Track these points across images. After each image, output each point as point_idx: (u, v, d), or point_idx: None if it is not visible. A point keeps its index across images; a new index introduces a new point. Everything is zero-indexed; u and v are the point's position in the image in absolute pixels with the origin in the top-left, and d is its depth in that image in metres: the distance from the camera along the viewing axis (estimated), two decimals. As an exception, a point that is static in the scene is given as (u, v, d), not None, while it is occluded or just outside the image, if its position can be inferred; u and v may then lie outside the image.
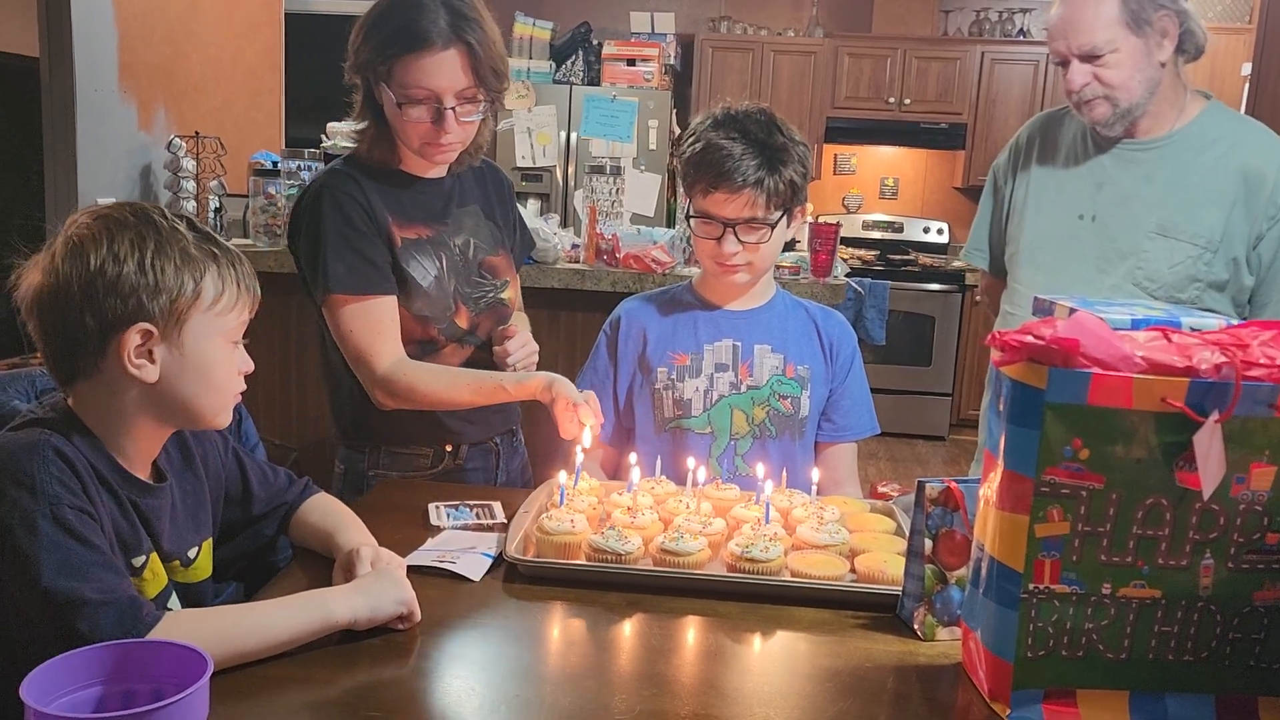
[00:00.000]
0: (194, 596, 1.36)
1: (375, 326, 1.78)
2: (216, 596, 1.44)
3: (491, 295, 1.97)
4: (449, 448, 1.95)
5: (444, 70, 1.72)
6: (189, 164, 3.69)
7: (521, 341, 1.95)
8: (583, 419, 1.68)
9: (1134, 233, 2.06)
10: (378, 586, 1.25)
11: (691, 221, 1.86)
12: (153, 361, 1.22)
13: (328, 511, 1.50)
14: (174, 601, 1.33)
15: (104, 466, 1.23)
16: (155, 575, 1.29)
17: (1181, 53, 2.02)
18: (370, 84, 1.78)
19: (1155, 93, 2.03)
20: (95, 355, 1.21)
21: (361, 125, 1.84)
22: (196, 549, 1.38)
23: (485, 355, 1.95)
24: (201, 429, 1.35)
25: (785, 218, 1.83)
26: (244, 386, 1.33)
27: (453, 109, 1.74)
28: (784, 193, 1.80)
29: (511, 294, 2.02)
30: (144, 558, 1.27)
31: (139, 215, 1.24)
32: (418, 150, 1.81)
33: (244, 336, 1.32)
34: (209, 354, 1.26)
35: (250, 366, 1.32)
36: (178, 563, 1.34)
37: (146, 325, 1.20)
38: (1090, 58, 2.00)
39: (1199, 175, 2.04)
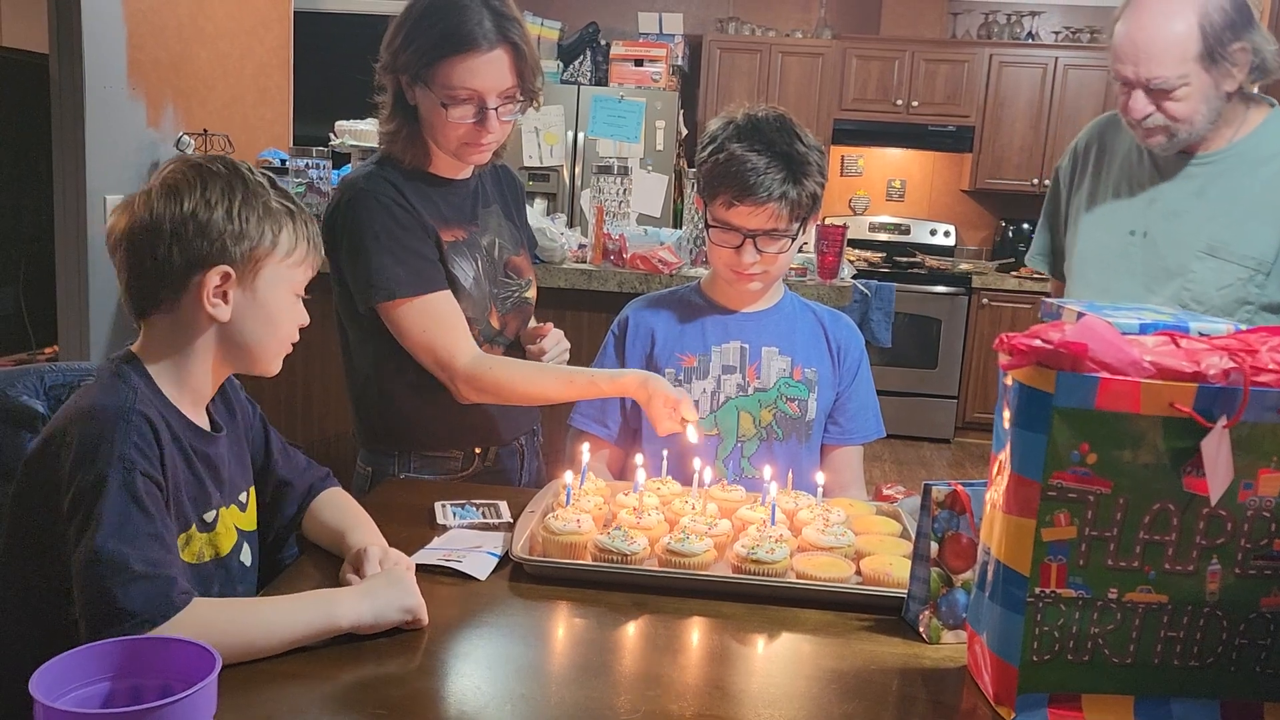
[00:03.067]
0: (252, 546, 1.44)
1: (446, 322, 1.78)
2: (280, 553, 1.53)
3: (517, 294, 1.98)
4: (478, 450, 1.95)
5: (491, 71, 1.72)
6: (197, 161, 3.69)
7: (555, 339, 1.96)
8: (685, 415, 1.69)
9: (1182, 251, 1.95)
10: (385, 592, 1.26)
11: (710, 230, 1.85)
12: (226, 302, 1.31)
13: (341, 508, 1.51)
14: (245, 554, 1.40)
15: (175, 421, 1.29)
16: (226, 529, 1.36)
17: (1248, 74, 1.89)
18: (403, 85, 1.78)
19: (1215, 119, 1.90)
20: (177, 289, 1.29)
21: (391, 127, 1.82)
22: (245, 495, 1.44)
23: (516, 354, 1.96)
24: (256, 374, 1.40)
25: (802, 226, 1.84)
26: (297, 338, 1.41)
27: (495, 109, 1.75)
28: (806, 204, 1.80)
29: (533, 293, 2.03)
30: (214, 512, 1.34)
31: (230, 168, 1.33)
32: (454, 151, 1.80)
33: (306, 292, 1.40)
34: (276, 301, 1.35)
35: (306, 320, 1.40)
36: (235, 508, 1.40)
37: (226, 268, 1.29)
38: (1158, 91, 1.85)
39: (1254, 191, 1.92)
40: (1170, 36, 1.82)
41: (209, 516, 1.33)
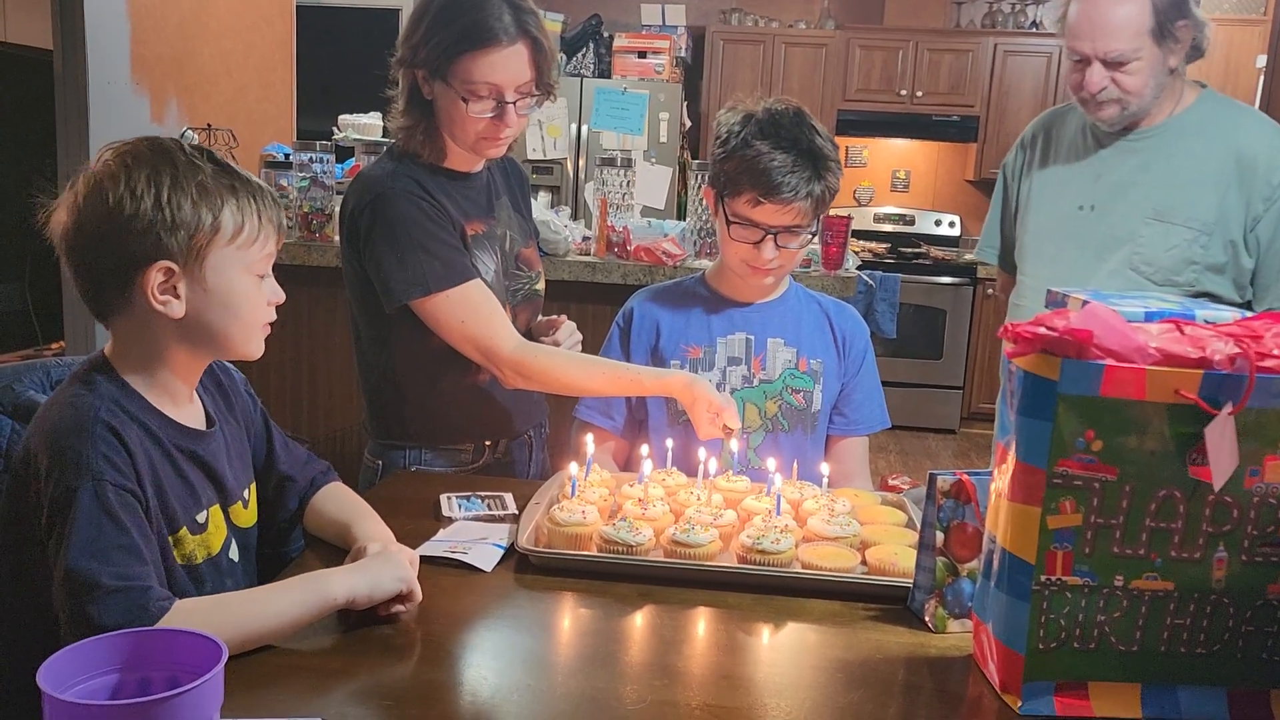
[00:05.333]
0: (247, 541, 1.41)
1: (485, 310, 1.77)
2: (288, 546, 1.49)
3: (527, 287, 1.98)
4: (488, 443, 1.96)
5: (511, 65, 1.72)
6: (201, 156, 3.69)
7: (569, 331, 1.97)
8: (729, 424, 1.69)
9: (1131, 219, 2.11)
10: (376, 565, 1.26)
11: (730, 226, 1.84)
12: (177, 297, 1.24)
13: (343, 502, 1.50)
14: (234, 550, 1.36)
15: (156, 424, 1.25)
16: (217, 528, 1.33)
17: (1185, 55, 2.08)
18: (418, 80, 1.77)
19: (1160, 95, 2.08)
20: (123, 290, 1.23)
21: (406, 122, 1.81)
22: (247, 490, 1.41)
23: None
24: (235, 359, 1.36)
25: (818, 220, 1.84)
26: (274, 316, 1.34)
27: (513, 103, 1.74)
28: (828, 200, 1.81)
29: (543, 285, 2.03)
30: (204, 512, 1.30)
31: (156, 150, 1.24)
32: (471, 146, 1.80)
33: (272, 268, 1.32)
34: (233, 287, 1.26)
35: (281, 297, 1.33)
36: (239, 505, 1.38)
37: (167, 263, 1.22)
38: (1114, 64, 2.02)
39: (1193, 161, 2.08)
40: (1125, 12, 2.01)
41: (200, 517, 1.30)
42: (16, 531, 1.23)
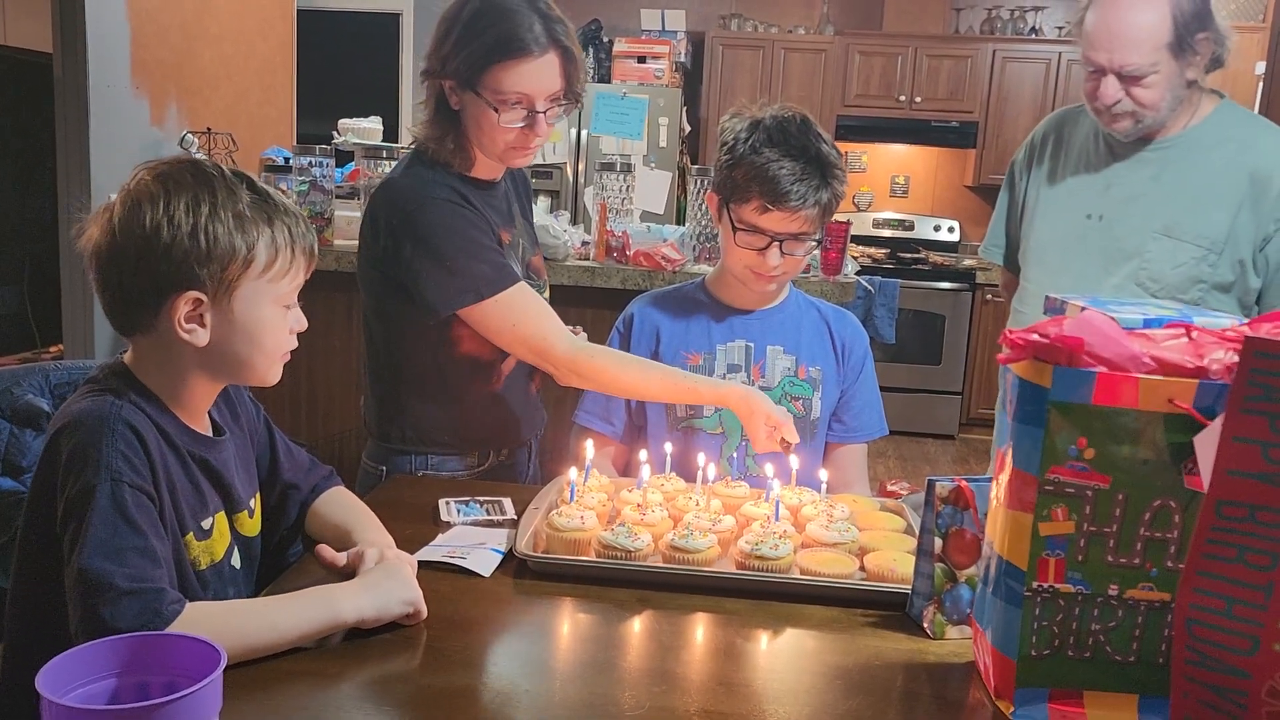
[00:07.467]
0: (250, 550, 1.41)
1: (534, 311, 1.78)
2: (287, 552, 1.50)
3: None
4: (492, 450, 1.96)
5: (543, 75, 1.72)
6: (201, 160, 3.70)
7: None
8: (788, 438, 1.68)
9: (1139, 233, 2.06)
10: (385, 585, 1.26)
11: (736, 233, 1.83)
12: (203, 326, 1.24)
13: (346, 506, 1.50)
14: (236, 558, 1.37)
15: (171, 428, 1.26)
16: (221, 535, 1.33)
17: (1204, 67, 2.02)
18: (445, 90, 1.77)
19: (1176, 107, 2.02)
20: (150, 314, 1.23)
21: (435, 132, 1.80)
22: (253, 499, 1.42)
23: None
24: (253, 385, 1.37)
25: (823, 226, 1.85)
26: (296, 344, 1.34)
27: (543, 112, 1.75)
28: (834, 208, 1.82)
29: (548, 293, 2.03)
30: (211, 519, 1.31)
31: (197, 176, 1.24)
32: (500, 155, 1.80)
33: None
34: (260, 319, 1.27)
35: (304, 325, 1.33)
36: (245, 514, 1.38)
37: (196, 293, 1.22)
38: (1130, 78, 1.96)
39: (1206, 176, 2.03)
40: (1144, 24, 1.93)
41: (206, 524, 1.31)
42: (37, 534, 1.23)
